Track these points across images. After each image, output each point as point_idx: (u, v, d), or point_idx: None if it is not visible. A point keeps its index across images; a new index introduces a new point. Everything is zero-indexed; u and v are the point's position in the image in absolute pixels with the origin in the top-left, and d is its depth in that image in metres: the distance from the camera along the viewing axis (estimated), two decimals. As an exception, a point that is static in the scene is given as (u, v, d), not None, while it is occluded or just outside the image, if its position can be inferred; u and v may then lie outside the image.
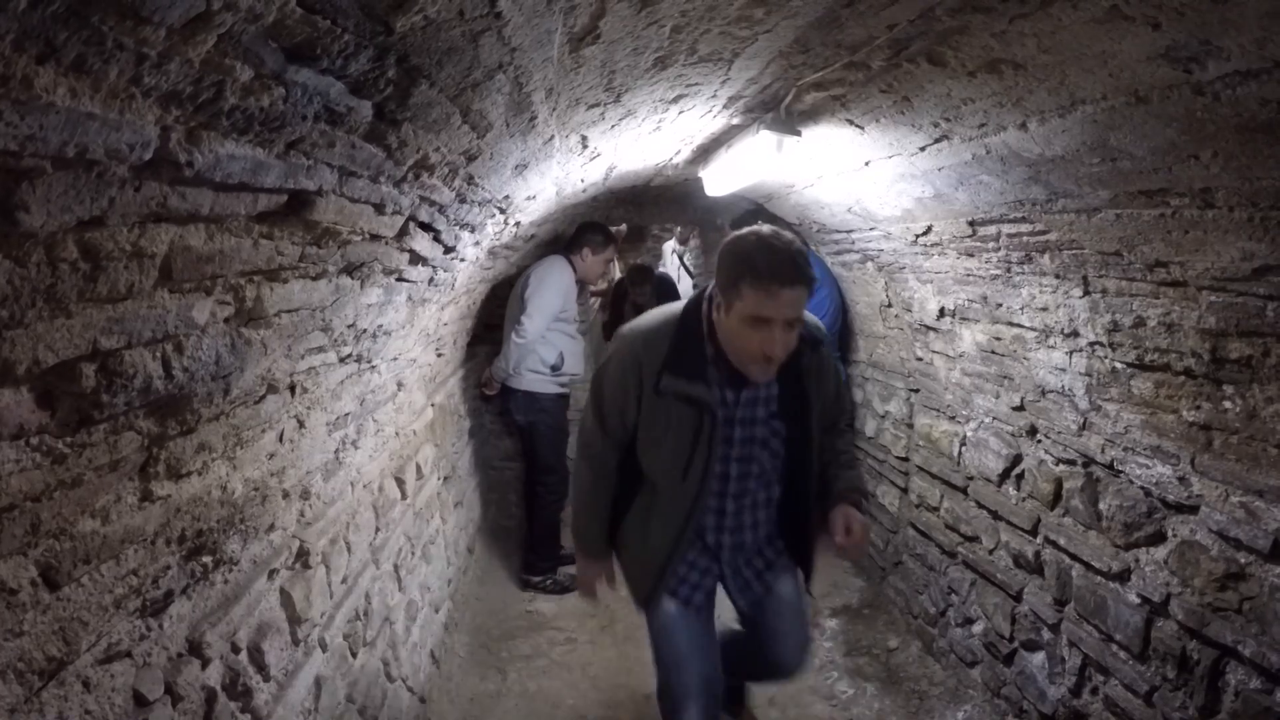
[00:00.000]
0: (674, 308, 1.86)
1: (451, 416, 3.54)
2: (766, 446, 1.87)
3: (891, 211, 2.54)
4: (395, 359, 2.28)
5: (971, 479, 2.75)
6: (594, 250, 3.75)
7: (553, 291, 3.55)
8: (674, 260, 7.16)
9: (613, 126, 2.05)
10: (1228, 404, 1.60)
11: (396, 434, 2.49)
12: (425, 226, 1.68)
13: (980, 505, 2.69)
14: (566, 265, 3.68)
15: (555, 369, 3.67)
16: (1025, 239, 1.99)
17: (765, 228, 1.67)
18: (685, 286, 6.51)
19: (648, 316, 1.89)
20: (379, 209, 1.33)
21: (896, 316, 3.21)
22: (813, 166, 2.62)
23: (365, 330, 1.76)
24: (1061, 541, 2.22)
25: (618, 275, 6.57)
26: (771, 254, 1.57)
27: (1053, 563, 2.27)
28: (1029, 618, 2.39)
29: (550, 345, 3.63)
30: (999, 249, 2.15)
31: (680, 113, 2.12)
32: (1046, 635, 2.30)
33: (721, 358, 1.74)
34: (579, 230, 3.77)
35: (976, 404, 2.70)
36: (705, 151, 2.86)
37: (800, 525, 1.98)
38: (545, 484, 3.73)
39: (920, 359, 3.12)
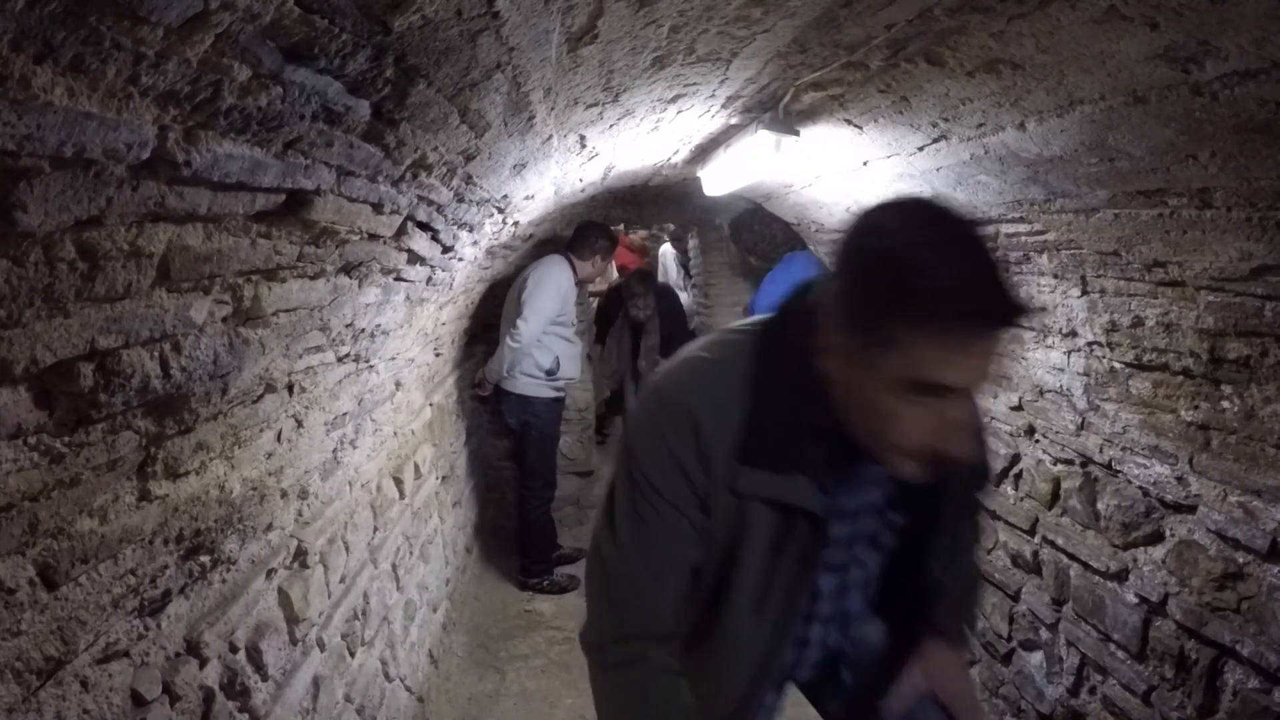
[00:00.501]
0: (738, 339, 1.08)
1: (450, 416, 3.54)
2: (875, 544, 1.19)
3: (890, 211, 2.54)
4: (393, 358, 2.28)
5: (970, 479, 2.75)
6: (603, 256, 3.76)
7: (550, 294, 3.49)
8: (674, 267, 6.68)
9: (611, 126, 2.05)
10: (1226, 404, 1.60)
11: (395, 433, 2.49)
12: (423, 226, 1.68)
13: (978, 505, 2.69)
14: (566, 266, 3.63)
15: (550, 373, 3.62)
16: (1024, 239, 1.99)
17: (927, 203, 0.93)
18: (686, 300, 5.95)
19: (698, 355, 1.09)
20: (377, 208, 1.33)
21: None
22: (811, 166, 2.63)
23: (363, 330, 1.76)
24: (1059, 541, 2.22)
25: (615, 274, 6.44)
26: (963, 268, 0.85)
27: (1051, 562, 2.27)
28: (1027, 617, 2.40)
29: (546, 349, 3.59)
30: (997, 249, 2.15)
31: (678, 112, 2.12)
32: (1044, 635, 2.30)
33: (832, 425, 0.99)
34: (582, 231, 3.73)
35: (975, 404, 2.70)
36: (704, 151, 2.86)
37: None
38: (529, 488, 3.71)
39: (919, 359, 3.12)
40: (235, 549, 1.38)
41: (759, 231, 3.83)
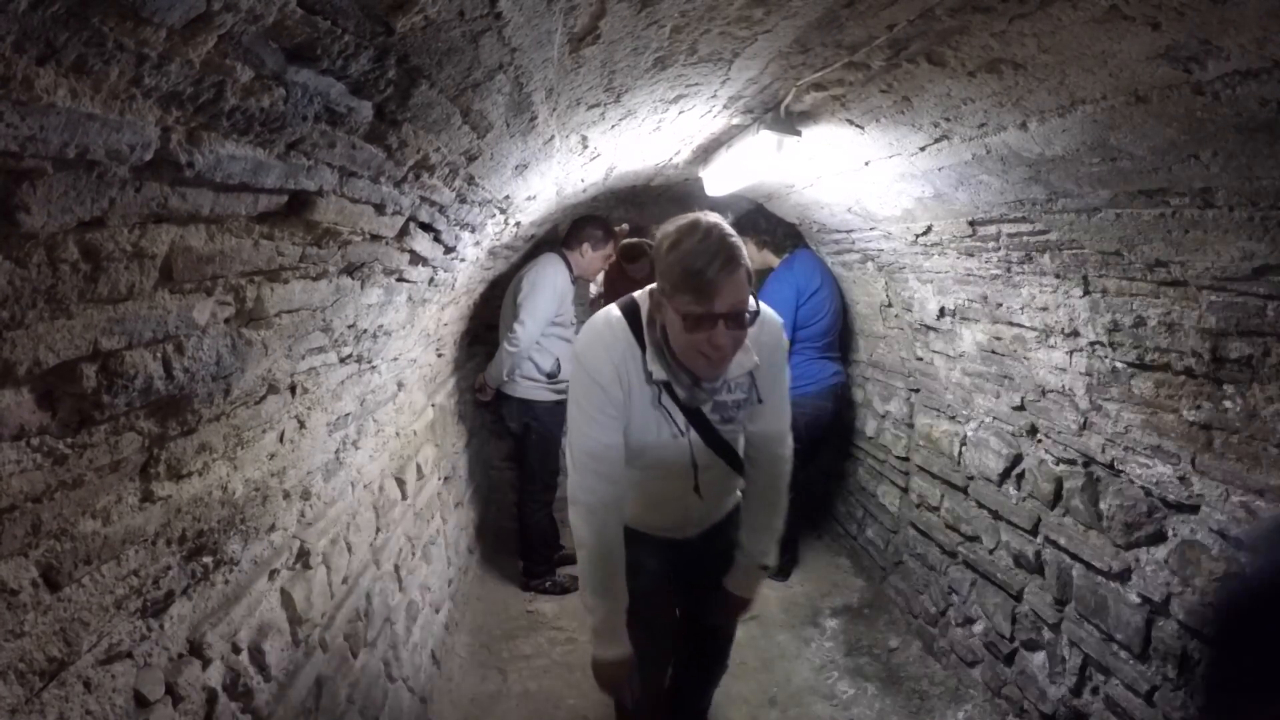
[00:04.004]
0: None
1: (452, 417, 3.54)
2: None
3: (891, 211, 2.54)
4: (395, 359, 2.28)
5: (972, 479, 2.75)
6: (594, 245, 3.63)
7: (547, 295, 3.44)
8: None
9: (613, 126, 2.05)
10: (1228, 403, 1.60)
11: (397, 434, 2.49)
12: (425, 227, 1.68)
13: (981, 505, 2.68)
14: (561, 264, 3.57)
15: (551, 376, 3.57)
16: (1025, 239, 1.99)
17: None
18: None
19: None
20: (379, 209, 1.33)
21: (897, 316, 3.21)
22: (812, 166, 2.62)
23: (366, 330, 1.76)
24: (1062, 541, 2.22)
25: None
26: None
27: (1053, 562, 2.27)
28: (1029, 617, 2.39)
29: (546, 352, 3.53)
30: (999, 249, 2.15)
31: (680, 113, 2.12)
32: (1047, 635, 2.30)
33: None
34: (575, 224, 3.67)
35: (977, 404, 2.70)
36: (705, 151, 2.86)
37: None
38: (530, 490, 3.69)
39: (920, 359, 3.12)
40: (238, 550, 1.38)
41: (761, 231, 3.83)
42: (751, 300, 1.54)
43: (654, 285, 1.61)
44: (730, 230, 1.51)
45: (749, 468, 1.90)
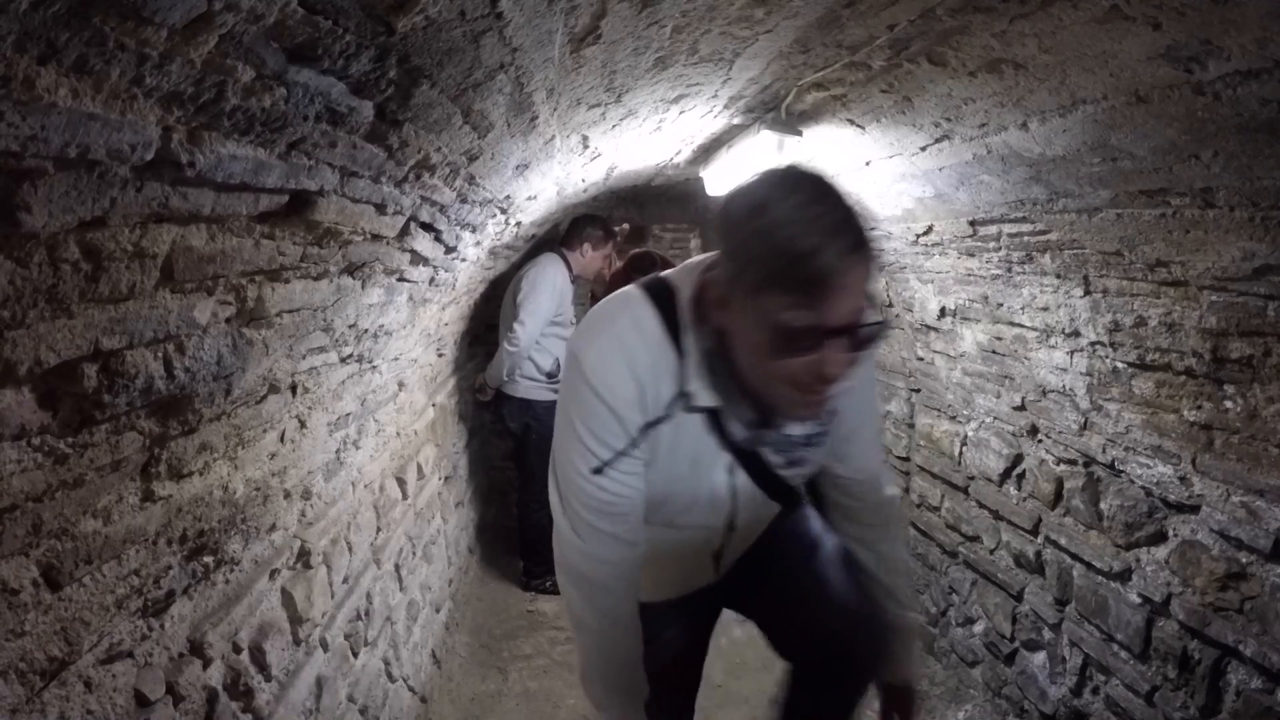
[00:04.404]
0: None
1: (452, 416, 3.54)
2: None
3: (892, 211, 2.54)
4: (396, 359, 2.28)
5: (972, 479, 2.75)
6: (594, 245, 3.64)
7: (546, 295, 3.45)
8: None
9: (614, 126, 2.06)
10: (1229, 404, 1.60)
11: (398, 434, 2.49)
12: (426, 227, 1.68)
13: (981, 505, 2.68)
14: (560, 264, 3.58)
15: (551, 376, 3.57)
16: (1026, 239, 1.99)
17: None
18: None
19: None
20: (380, 209, 1.33)
21: (897, 316, 3.21)
22: (813, 167, 2.62)
23: (366, 330, 1.76)
24: (1062, 541, 2.22)
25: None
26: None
27: (1054, 562, 2.27)
28: (1030, 617, 2.39)
29: (545, 352, 3.54)
30: (1000, 249, 2.15)
31: (681, 113, 2.12)
32: (1047, 635, 2.30)
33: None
34: (575, 223, 3.66)
35: (977, 404, 2.70)
36: (706, 151, 2.86)
37: None
38: (531, 491, 3.69)
39: (921, 359, 3.12)
40: (238, 549, 1.38)
41: None
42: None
43: (705, 263, 1.06)
44: (845, 190, 1.00)
45: (846, 522, 1.44)
